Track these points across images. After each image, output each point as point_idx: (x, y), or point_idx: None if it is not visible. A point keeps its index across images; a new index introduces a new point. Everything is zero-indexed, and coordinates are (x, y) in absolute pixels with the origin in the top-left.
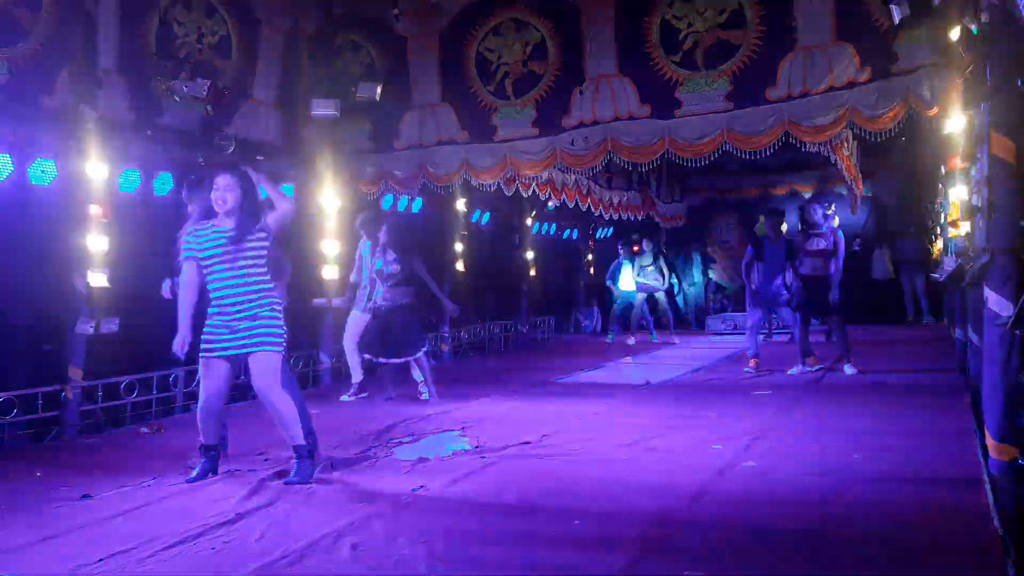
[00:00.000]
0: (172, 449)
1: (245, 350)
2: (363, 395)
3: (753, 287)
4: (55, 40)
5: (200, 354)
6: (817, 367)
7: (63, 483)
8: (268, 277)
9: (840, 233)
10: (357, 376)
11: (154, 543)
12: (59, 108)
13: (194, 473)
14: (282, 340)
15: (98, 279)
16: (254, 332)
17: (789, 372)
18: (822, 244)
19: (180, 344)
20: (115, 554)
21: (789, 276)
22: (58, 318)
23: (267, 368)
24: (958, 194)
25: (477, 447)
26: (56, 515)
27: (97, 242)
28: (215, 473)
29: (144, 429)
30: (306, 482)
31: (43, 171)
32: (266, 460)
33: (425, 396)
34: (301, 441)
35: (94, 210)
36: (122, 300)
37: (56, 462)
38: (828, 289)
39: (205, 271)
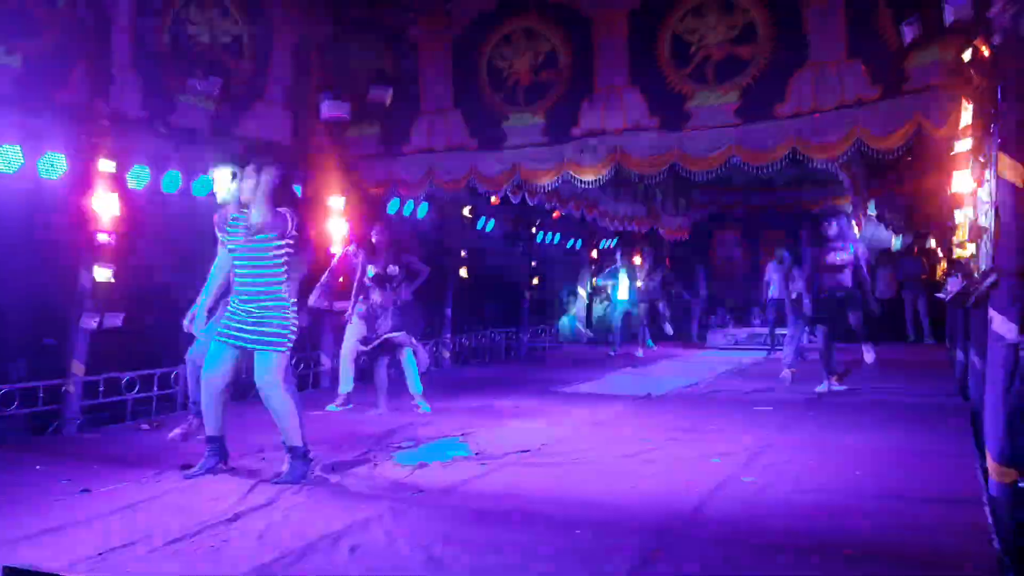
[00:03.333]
0: (171, 446)
1: (251, 345)
2: (348, 406)
3: (793, 297)
4: (70, 35)
5: (214, 337)
6: (844, 387)
7: (63, 477)
8: (281, 274)
9: (862, 245)
10: (347, 387)
11: (153, 539)
12: (72, 103)
13: (194, 469)
14: (288, 340)
15: (103, 274)
16: (261, 329)
17: (817, 390)
18: (842, 257)
19: (189, 318)
20: (114, 549)
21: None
22: (62, 312)
23: (271, 367)
24: (965, 215)
25: (477, 454)
26: (55, 509)
27: (103, 237)
28: (224, 464)
29: (144, 425)
30: (296, 483)
31: (52, 165)
32: (264, 459)
33: (417, 402)
34: (298, 443)
35: (101, 205)
36: (127, 295)
37: (56, 456)
38: (851, 305)
39: (232, 260)
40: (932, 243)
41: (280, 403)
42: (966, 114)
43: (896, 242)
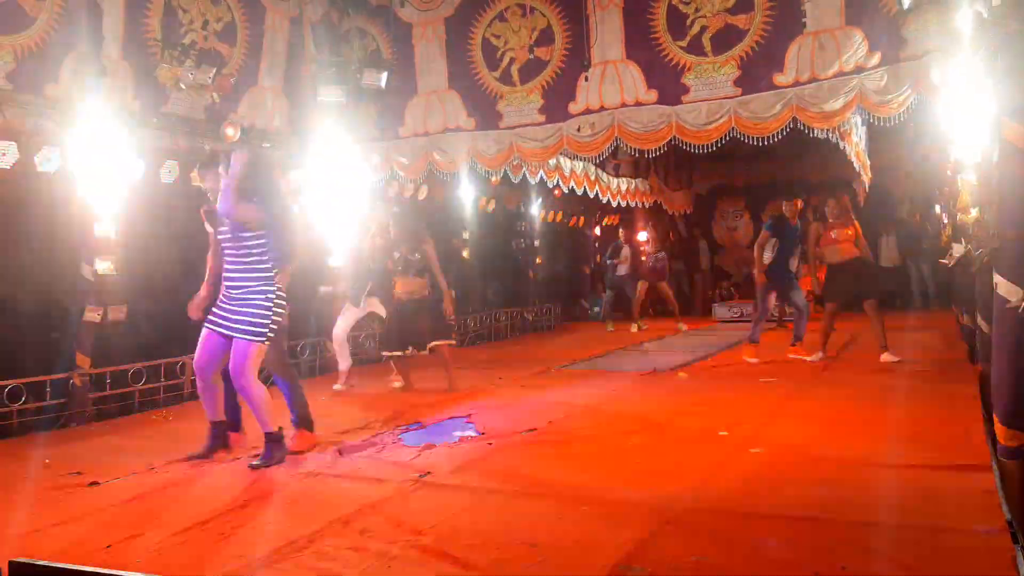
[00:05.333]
0: (179, 436)
1: (229, 332)
2: (351, 384)
3: (765, 264)
4: (60, 28)
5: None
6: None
7: (72, 470)
8: (265, 262)
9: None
10: (345, 364)
11: (163, 529)
12: (65, 96)
13: (197, 451)
14: (265, 331)
15: (105, 267)
16: (241, 317)
17: (809, 359)
18: (846, 234)
19: (194, 304)
20: (124, 539)
21: (795, 263)
22: (66, 306)
23: (243, 355)
24: (967, 179)
25: (483, 433)
26: (65, 501)
27: (103, 230)
28: (225, 450)
29: (153, 416)
30: (268, 465)
31: (49, 159)
32: None
33: (449, 389)
34: (272, 428)
35: (100, 198)
36: (129, 288)
37: (64, 449)
38: (862, 272)
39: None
40: (936, 209)
41: (252, 391)
42: (966, 77)
43: (900, 210)
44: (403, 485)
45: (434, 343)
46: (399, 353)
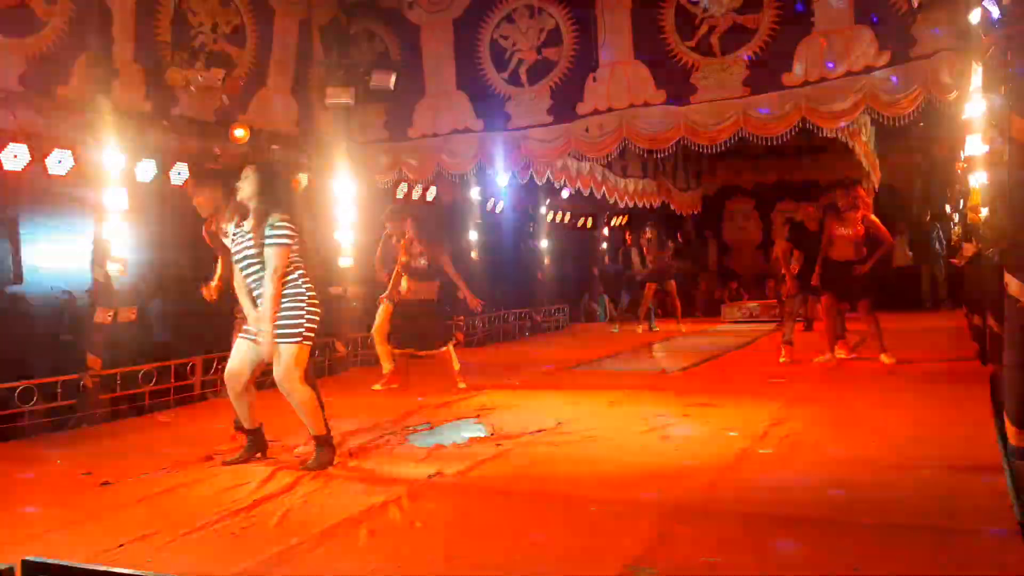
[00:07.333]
0: (190, 437)
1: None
2: (393, 385)
3: (794, 270)
4: (71, 31)
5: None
6: (850, 355)
7: (83, 470)
8: (293, 273)
9: (871, 216)
10: (388, 366)
11: (174, 529)
12: (76, 99)
13: (231, 457)
14: (300, 331)
15: (115, 268)
16: (276, 322)
17: (816, 360)
18: (852, 229)
19: (209, 288)
20: (135, 539)
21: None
22: (77, 307)
23: (286, 359)
24: (978, 179)
25: (493, 434)
26: (77, 501)
27: (114, 231)
28: (261, 455)
29: (163, 417)
30: (322, 468)
31: (60, 161)
32: (282, 446)
33: (461, 385)
34: (322, 432)
35: (111, 200)
36: (139, 289)
37: (76, 450)
38: (856, 273)
39: (238, 268)
40: (947, 208)
41: (300, 394)
42: (976, 77)
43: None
44: (412, 486)
45: (433, 348)
46: (398, 352)
